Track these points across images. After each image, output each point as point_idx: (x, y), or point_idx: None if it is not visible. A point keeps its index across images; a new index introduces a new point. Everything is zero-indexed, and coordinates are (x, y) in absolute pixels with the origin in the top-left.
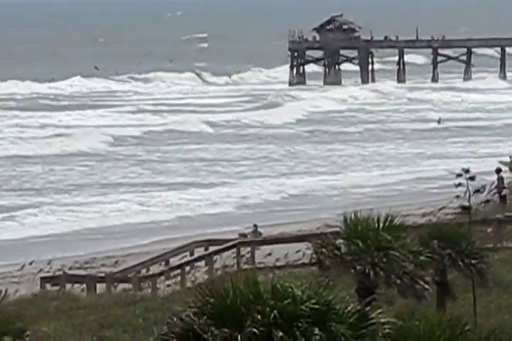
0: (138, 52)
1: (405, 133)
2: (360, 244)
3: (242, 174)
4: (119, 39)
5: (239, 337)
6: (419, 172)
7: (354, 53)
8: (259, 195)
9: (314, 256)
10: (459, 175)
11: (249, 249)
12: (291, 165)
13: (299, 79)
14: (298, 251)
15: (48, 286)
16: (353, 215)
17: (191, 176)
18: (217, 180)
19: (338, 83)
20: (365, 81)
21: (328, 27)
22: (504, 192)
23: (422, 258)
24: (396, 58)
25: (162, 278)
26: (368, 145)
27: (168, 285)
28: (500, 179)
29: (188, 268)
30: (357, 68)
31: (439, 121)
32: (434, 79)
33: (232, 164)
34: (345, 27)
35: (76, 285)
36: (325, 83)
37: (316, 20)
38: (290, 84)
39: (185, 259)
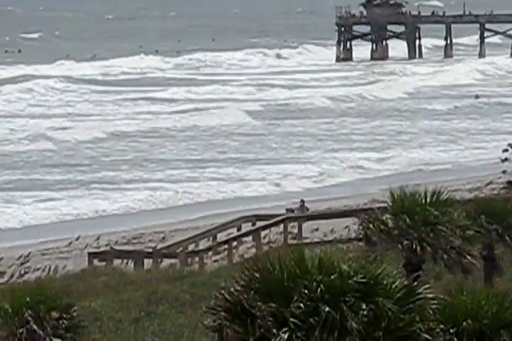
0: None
1: None
2: (407, 219)
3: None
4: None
5: (285, 312)
6: None
7: (401, 28)
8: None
9: (361, 231)
10: (505, 151)
11: (296, 224)
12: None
13: (346, 54)
14: (346, 227)
15: (96, 262)
16: (399, 190)
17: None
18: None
19: (385, 58)
20: (412, 56)
21: (374, 2)
22: None
23: (469, 233)
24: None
25: (209, 253)
26: None
27: (216, 261)
28: None
29: (235, 243)
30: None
31: (477, 96)
32: (481, 55)
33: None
34: (391, 2)
35: (124, 260)
36: (372, 58)
37: None
38: (337, 59)
39: (232, 235)
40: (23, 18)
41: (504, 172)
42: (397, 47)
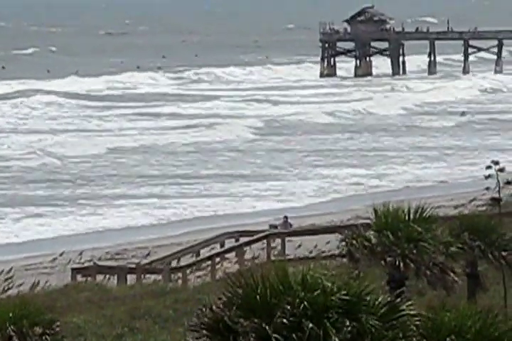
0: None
1: None
2: (391, 235)
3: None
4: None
5: (268, 328)
6: None
7: (385, 45)
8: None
9: (345, 247)
10: (488, 167)
11: (279, 240)
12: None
13: (329, 70)
14: (328, 243)
15: (79, 277)
16: (383, 207)
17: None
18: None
19: (369, 74)
20: (396, 73)
21: (359, 18)
22: None
23: (452, 249)
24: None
25: (193, 269)
26: None
27: (199, 277)
28: None
29: (218, 259)
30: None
31: (463, 113)
32: (465, 71)
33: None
34: (376, 18)
35: (107, 276)
36: (356, 75)
37: (347, 11)
38: (321, 75)
39: (215, 250)
40: (12, 33)
41: (487, 189)
42: (382, 64)
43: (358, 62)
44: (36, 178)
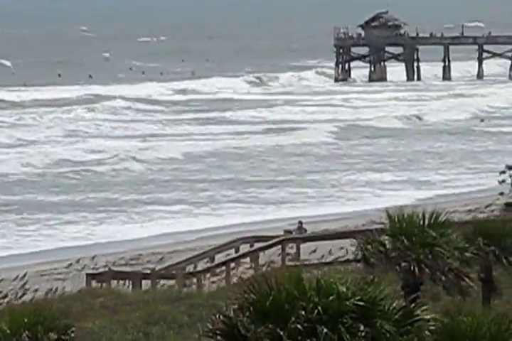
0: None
1: None
2: (405, 240)
3: None
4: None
5: (283, 334)
6: None
7: (400, 50)
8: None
9: (359, 252)
10: (502, 172)
11: (294, 245)
12: None
13: (344, 75)
14: (342, 248)
15: (94, 283)
16: (397, 212)
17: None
18: None
19: (383, 80)
20: (410, 78)
21: (373, 24)
22: None
23: (467, 255)
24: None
25: (207, 274)
26: None
27: (213, 282)
28: None
29: (233, 264)
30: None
31: (482, 120)
32: (480, 76)
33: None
34: (390, 24)
35: (122, 281)
36: (370, 80)
37: (361, 16)
38: (336, 80)
39: (230, 256)
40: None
41: (502, 194)
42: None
43: (372, 67)
44: (112, 183)
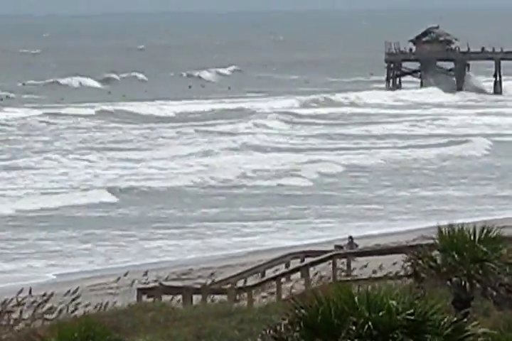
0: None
1: None
2: (456, 255)
3: None
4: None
5: None
6: None
7: (451, 65)
8: None
9: (410, 267)
10: None
11: (345, 260)
12: None
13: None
14: (394, 263)
15: (144, 297)
16: (448, 227)
17: None
18: None
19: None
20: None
21: (424, 38)
22: None
23: None
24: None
25: (258, 289)
26: None
27: (264, 297)
28: None
29: (283, 279)
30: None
31: None
32: None
33: None
34: (441, 38)
35: (173, 296)
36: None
37: (412, 31)
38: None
39: (281, 271)
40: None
41: None
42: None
43: (423, 82)
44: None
